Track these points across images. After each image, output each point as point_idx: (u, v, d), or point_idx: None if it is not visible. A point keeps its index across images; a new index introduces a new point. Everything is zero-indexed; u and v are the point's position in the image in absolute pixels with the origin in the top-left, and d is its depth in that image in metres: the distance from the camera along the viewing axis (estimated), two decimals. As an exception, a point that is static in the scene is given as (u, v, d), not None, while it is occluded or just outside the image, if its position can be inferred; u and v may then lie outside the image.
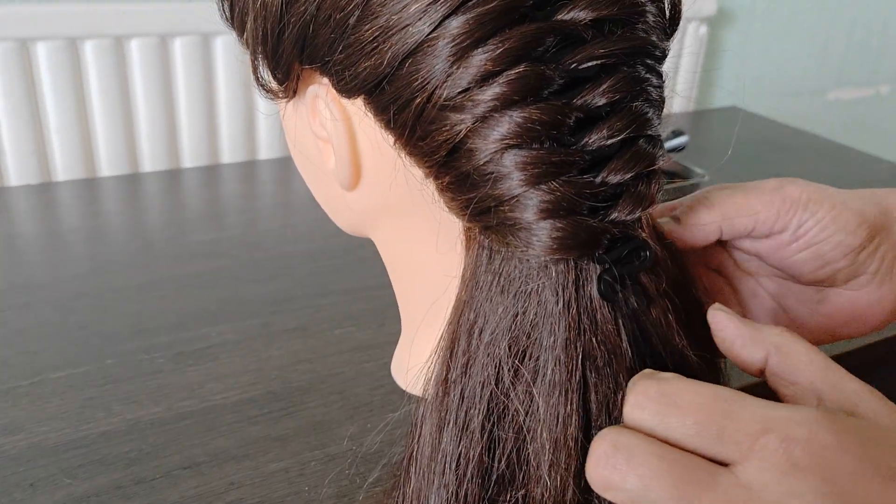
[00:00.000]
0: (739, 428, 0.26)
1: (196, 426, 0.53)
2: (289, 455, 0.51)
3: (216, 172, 1.03)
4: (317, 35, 0.34)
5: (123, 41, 0.96)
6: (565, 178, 0.31)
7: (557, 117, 0.30)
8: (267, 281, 0.74)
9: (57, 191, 0.94)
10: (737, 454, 0.26)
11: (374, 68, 0.32)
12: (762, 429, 0.26)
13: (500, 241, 0.32)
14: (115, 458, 0.50)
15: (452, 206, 0.34)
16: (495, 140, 0.30)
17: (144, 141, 1.01)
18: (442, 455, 0.34)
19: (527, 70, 0.30)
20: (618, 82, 0.31)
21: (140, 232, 0.85)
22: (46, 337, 0.63)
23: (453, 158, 0.32)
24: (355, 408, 0.56)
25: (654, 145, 0.33)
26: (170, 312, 0.67)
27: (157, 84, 0.99)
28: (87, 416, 0.54)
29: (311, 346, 0.63)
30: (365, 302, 0.70)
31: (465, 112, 0.30)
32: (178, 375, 0.58)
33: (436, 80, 0.31)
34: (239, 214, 0.92)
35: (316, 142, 0.40)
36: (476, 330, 0.34)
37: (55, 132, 0.96)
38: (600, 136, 0.31)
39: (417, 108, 0.32)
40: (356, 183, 0.39)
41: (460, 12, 0.30)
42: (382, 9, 0.31)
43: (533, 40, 0.30)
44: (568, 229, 0.31)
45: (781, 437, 0.26)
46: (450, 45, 0.30)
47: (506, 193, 0.31)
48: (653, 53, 0.33)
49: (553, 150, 0.30)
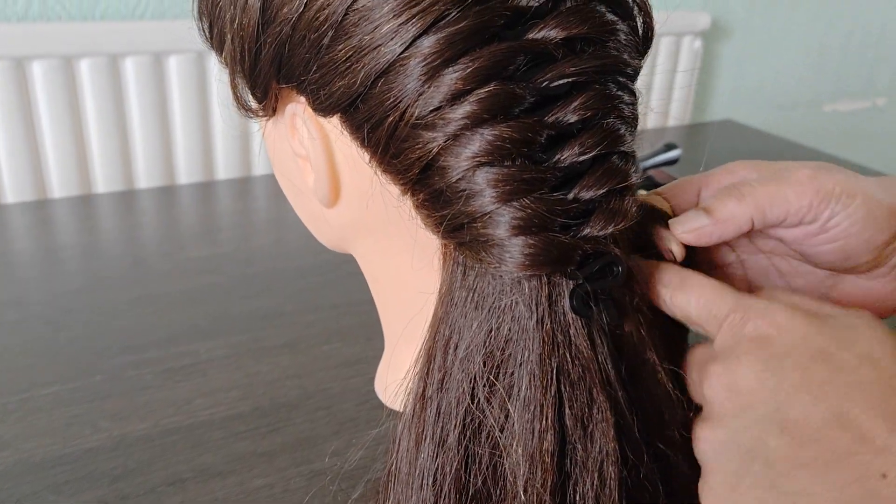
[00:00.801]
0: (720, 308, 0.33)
1: (182, 442, 0.53)
2: (274, 471, 0.51)
3: (211, 189, 1.04)
4: (292, 55, 0.34)
5: (118, 59, 0.97)
6: (537, 195, 0.31)
7: (528, 135, 0.30)
8: (257, 297, 0.74)
9: (52, 207, 0.95)
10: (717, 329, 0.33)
11: (347, 87, 0.32)
12: (733, 308, 0.33)
13: (474, 257, 0.32)
14: (100, 475, 0.50)
15: (428, 223, 0.34)
16: (467, 158, 0.31)
17: (140, 158, 1.02)
18: (419, 470, 0.34)
19: (497, 88, 0.30)
20: (589, 99, 0.31)
21: (134, 248, 0.86)
22: (37, 353, 0.63)
23: (426, 176, 0.32)
24: (341, 423, 0.56)
25: (627, 161, 0.33)
26: (160, 328, 0.67)
27: (153, 101, 1.00)
28: (73, 433, 0.54)
29: (300, 361, 0.63)
30: (354, 317, 0.70)
31: (437, 130, 0.31)
32: (166, 391, 0.59)
33: (408, 98, 0.31)
34: (232, 230, 0.93)
35: (295, 159, 0.40)
36: (451, 346, 0.34)
37: (51, 150, 0.97)
38: (572, 152, 0.31)
39: (390, 127, 0.32)
40: (335, 200, 0.39)
41: (431, 32, 0.30)
42: (355, 29, 0.31)
43: (503, 59, 0.30)
44: (539, 246, 0.31)
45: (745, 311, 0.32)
46: (421, 65, 0.30)
47: (478, 210, 0.31)
48: (624, 71, 0.33)
49: (524, 167, 0.31)
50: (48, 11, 0.94)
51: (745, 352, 0.31)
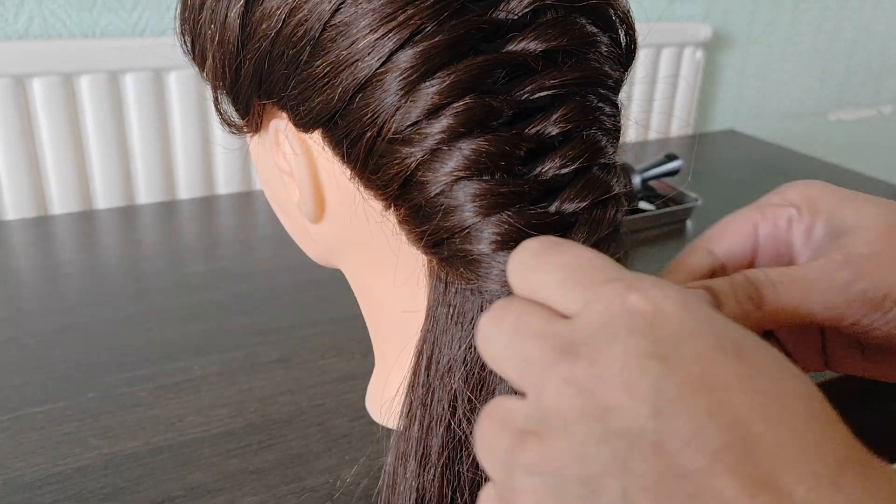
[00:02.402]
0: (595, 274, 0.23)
1: (173, 460, 0.53)
2: (264, 489, 0.51)
3: (211, 204, 1.04)
4: (272, 70, 0.34)
5: (118, 76, 0.97)
6: (516, 208, 0.30)
7: (506, 148, 0.30)
8: (253, 312, 0.74)
9: (53, 224, 0.95)
10: (585, 297, 0.22)
11: (326, 103, 0.32)
12: (616, 276, 0.22)
13: (454, 272, 0.32)
14: (89, 494, 0.50)
15: (410, 239, 0.34)
16: (445, 172, 0.30)
17: (140, 173, 1.02)
18: (406, 487, 0.34)
19: (473, 102, 0.30)
20: (569, 112, 0.31)
21: (132, 264, 0.86)
22: (30, 370, 0.63)
23: (406, 191, 0.32)
24: (334, 440, 0.56)
25: (609, 173, 0.33)
26: (154, 345, 0.67)
27: (153, 117, 1.00)
28: (63, 452, 0.53)
29: (294, 377, 0.63)
30: (350, 332, 0.70)
31: (415, 145, 0.30)
32: (158, 409, 0.58)
33: (385, 113, 0.31)
34: (231, 245, 0.93)
35: (281, 175, 0.40)
36: (434, 362, 0.34)
37: (51, 166, 0.97)
38: (553, 165, 0.31)
39: (369, 142, 0.32)
40: (320, 216, 0.39)
41: (408, 46, 0.30)
42: (333, 44, 0.31)
43: (481, 72, 0.30)
44: None
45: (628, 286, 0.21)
46: (398, 79, 0.30)
47: (458, 225, 0.31)
48: (605, 83, 0.33)
49: (503, 180, 0.30)
50: (49, 29, 0.94)
51: (625, 328, 0.20)
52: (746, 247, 0.33)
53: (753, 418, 0.19)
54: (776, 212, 0.33)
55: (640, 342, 0.20)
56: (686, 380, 0.19)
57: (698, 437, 0.18)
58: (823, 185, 0.33)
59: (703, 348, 0.20)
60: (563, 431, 0.20)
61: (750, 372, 0.19)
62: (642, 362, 0.20)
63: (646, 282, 0.22)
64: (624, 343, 0.20)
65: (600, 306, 0.21)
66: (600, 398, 0.20)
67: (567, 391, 0.20)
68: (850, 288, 0.28)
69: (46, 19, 0.94)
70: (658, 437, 0.19)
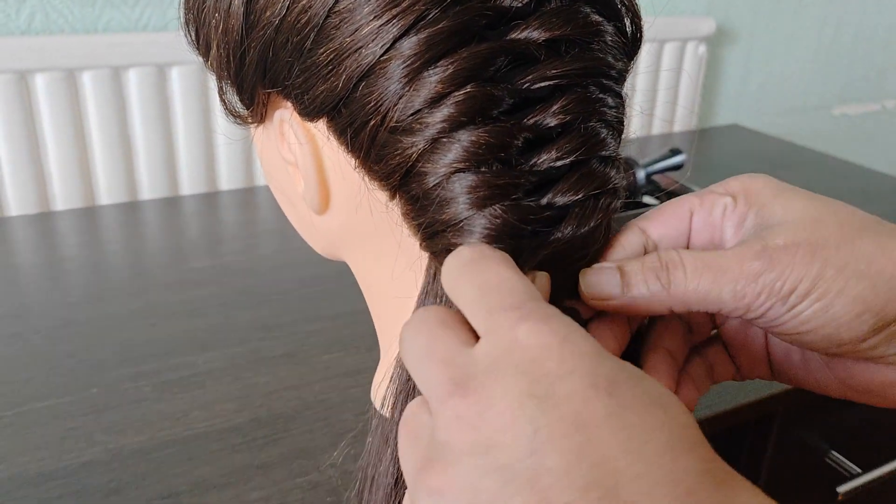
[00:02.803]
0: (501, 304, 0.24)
1: (178, 455, 0.53)
2: (270, 483, 0.51)
3: (214, 199, 1.04)
4: (276, 58, 0.34)
5: (121, 71, 0.97)
6: (509, 201, 0.30)
7: (506, 139, 0.30)
8: (257, 307, 0.73)
9: (55, 220, 0.95)
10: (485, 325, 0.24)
11: (330, 91, 0.32)
12: (516, 304, 0.24)
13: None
14: (94, 489, 0.50)
15: (411, 230, 0.33)
16: (445, 164, 0.30)
17: (143, 169, 1.02)
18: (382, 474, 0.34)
19: (474, 91, 0.29)
20: (569, 103, 0.31)
21: (135, 260, 0.85)
22: (34, 366, 0.63)
23: (406, 182, 0.31)
24: (340, 434, 0.55)
25: (608, 166, 0.32)
26: (159, 340, 0.67)
27: (155, 113, 1.00)
28: (68, 446, 0.53)
29: (299, 372, 0.63)
30: (355, 327, 0.70)
31: (417, 135, 0.30)
32: (162, 403, 0.58)
33: (389, 101, 0.30)
34: (234, 241, 0.92)
35: (285, 166, 0.39)
36: None
37: (54, 162, 0.97)
38: (549, 157, 0.31)
39: (372, 131, 0.31)
40: (325, 207, 0.39)
41: (412, 33, 0.30)
42: (336, 31, 0.31)
43: (483, 60, 0.30)
44: (508, 253, 0.30)
45: (525, 311, 0.23)
46: (402, 67, 0.30)
47: (453, 218, 0.30)
48: (608, 73, 0.32)
49: (499, 172, 0.30)
50: (51, 25, 0.94)
51: (510, 364, 0.22)
52: (680, 230, 0.34)
53: (617, 454, 0.20)
54: (713, 200, 0.33)
55: (521, 381, 0.22)
56: (560, 419, 0.21)
57: (568, 474, 0.20)
58: (766, 178, 0.33)
59: (579, 386, 0.21)
60: (456, 462, 0.22)
61: (619, 409, 0.21)
62: (522, 401, 0.21)
63: (536, 314, 0.23)
64: (507, 381, 0.22)
65: (494, 338, 0.23)
66: (485, 434, 0.21)
67: (458, 425, 0.22)
68: (759, 278, 0.29)
69: (49, 15, 0.93)
70: (533, 473, 0.20)
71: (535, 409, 0.21)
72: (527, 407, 0.21)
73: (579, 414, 0.21)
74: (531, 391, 0.21)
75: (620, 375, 0.22)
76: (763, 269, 0.29)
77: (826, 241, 0.29)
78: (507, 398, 0.22)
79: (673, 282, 0.29)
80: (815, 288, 0.29)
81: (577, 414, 0.21)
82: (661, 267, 0.30)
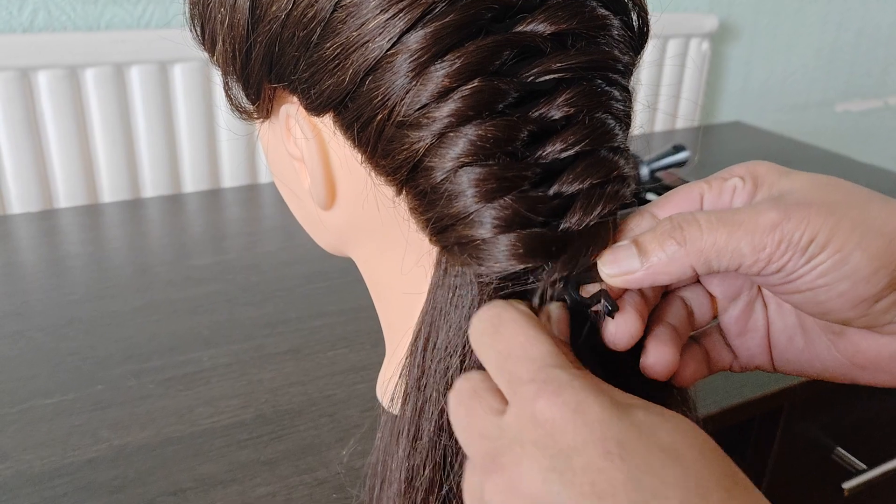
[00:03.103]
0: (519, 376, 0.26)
1: (183, 451, 0.53)
2: (276, 479, 0.50)
3: (217, 196, 1.04)
4: (282, 53, 0.34)
5: (123, 69, 0.97)
6: (518, 192, 0.30)
7: (511, 132, 0.30)
8: (262, 304, 0.73)
9: (58, 218, 0.95)
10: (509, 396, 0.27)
11: (336, 85, 0.32)
12: (532, 377, 0.26)
13: (456, 259, 0.32)
14: (99, 486, 0.49)
15: (419, 226, 0.33)
16: (451, 158, 0.30)
17: (146, 166, 1.02)
18: (395, 467, 0.34)
19: (481, 85, 0.29)
20: (574, 95, 0.31)
21: (138, 257, 0.85)
22: (38, 364, 0.63)
23: (413, 177, 0.31)
24: (345, 430, 0.55)
25: (617, 155, 0.32)
26: (163, 337, 0.67)
27: (158, 110, 1.00)
28: (73, 443, 0.53)
29: (304, 368, 0.63)
30: (360, 323, 0.69)
31: (424, 129, 0.30)
32: (167, 400, 0.58)
33: (396, 96, 0.30)
34: (238, 238, 0.92)
35: (291, 161, 0.39)
36: (430, 345, 0.33)
37: (57, 160, 0.97)
38: (554, 149, 0.30)
39: (379, 126, 0.31)
40: (331, 202, 0.39)
41: (419, 27, 0.30)
42: (343, 26, 0.31)
43: (490, 54, 0.30)
44: (519, 243, 0.30)
45: (541, 384, 0.26)
46: (408, 61, 0.30)
47: (462, 211, 0.30)
48: (615, 67, 0.32)
49: (506, 164, 0.30)
50: (53, 22, 0.94)
51: (532, 441, 0.25)
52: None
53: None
54: (722, 183, 0.33)
55: (542, 458, 0.24)
56: (580, 492, 0.23)
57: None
58: (769, 164, 0.33)
59: (593, 456, 0.23)
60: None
61: (634, 472, 0.23)
62: (545, 476, 0.24)
63: (550, 386, 0.25)
64: (531, 458, 0.24)
65: (516, 410, 0.26)
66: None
67: (496, 497, 0.25)
68: (777, 228, 0.29)
69: (51, 12, 0.93)
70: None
71: (557, 484, 0.23)
72: (550, 482, 0.24)
73: (596, 484, 0.23)
74: (552, 466, 0.24)
75: (631, 435, 0.24)
76: (781, 219, 0.29)
77: (839, 202, 0.30)
78: (532, 473, 0.24)
79: (688, 238, 0.30)
80: (832, 239, 0.29)
81: (594, 485, 0.23)
82: (674, 227, 0.30)
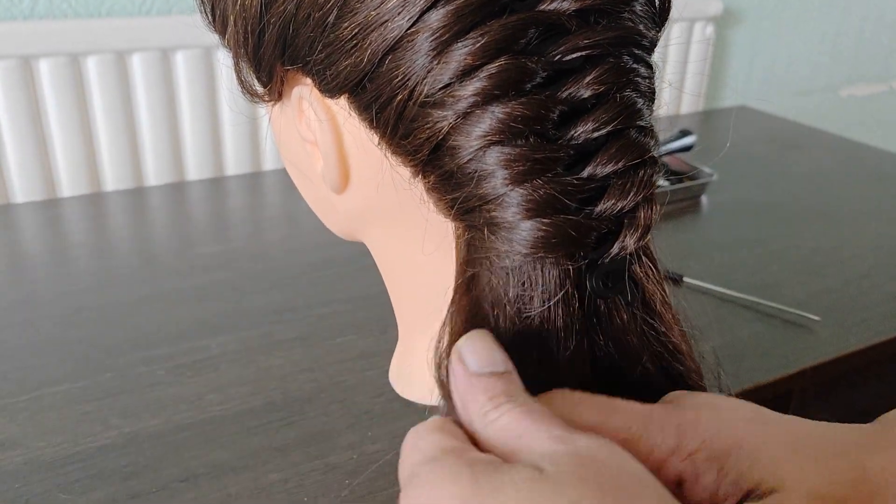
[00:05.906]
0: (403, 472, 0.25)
1: (194, 438, 0.53)
2: (288, 466, 0.50)
3: (221, 184, 1.03)
4: (297, 35, 0.33)
5: (125, 56, 0.96)
6: (550, 174, 0.29)
7: (541, 111, 0.29)
8: (269, 291, 0.73)
9: (62, 207, 0.94)
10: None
11: (354, 66, 0.31)
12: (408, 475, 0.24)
13: (482, 239, 0.31)
14: (111, 473, 0.49)
15: (439, 206, 0.33)
16: (478, 137, 0.29)
17: (149, 155, 1.01)
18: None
19: (508, 63, 0.29)
20: (603, 73, 0.30)
21: (144, 245, 0.85)
22: (46, 352, 0.62)
23: (436, 157, 0.31)
24: (356, 416, 0.55)
25: (646, 135, 0.32)
26: (170, 325, 0.67)
27: (160, 98, 0.99)
28: (84, 431, 0.53)
29: (313, 355, 0.62)
30: (368, 310, 0.69)
31: (447, 108, 0.29)
32: (177, 387, 0.58)
33: (416, 75, 0.30)
34: (243, 226, 0.92)
35: (303, 145, 0.39)
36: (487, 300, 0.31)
37: (59, 148, 0.96)
38: (585, 129, 0.30)
39: (399, 106, 0.31)
40: (345, 185, 0.38)
41: (439, 5, 0.29)
42: (361, 5, 0.30)
43: (514, 32, 0.29)
44: (552, 229, 0.29)
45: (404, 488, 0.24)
46: (429, 40, 0.29)
47: (490, 193, 0.30)
48: (640, 43, 0.32)
49: (537, 145, 0.29)
50: (54, 9, 0.93)
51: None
52: None
53: None
54: None
55: None
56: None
57: None
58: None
59: None
60: None
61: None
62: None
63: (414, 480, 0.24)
64: None
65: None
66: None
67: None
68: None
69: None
70: None
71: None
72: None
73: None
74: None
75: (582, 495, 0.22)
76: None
77: None
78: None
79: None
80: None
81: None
82: None
